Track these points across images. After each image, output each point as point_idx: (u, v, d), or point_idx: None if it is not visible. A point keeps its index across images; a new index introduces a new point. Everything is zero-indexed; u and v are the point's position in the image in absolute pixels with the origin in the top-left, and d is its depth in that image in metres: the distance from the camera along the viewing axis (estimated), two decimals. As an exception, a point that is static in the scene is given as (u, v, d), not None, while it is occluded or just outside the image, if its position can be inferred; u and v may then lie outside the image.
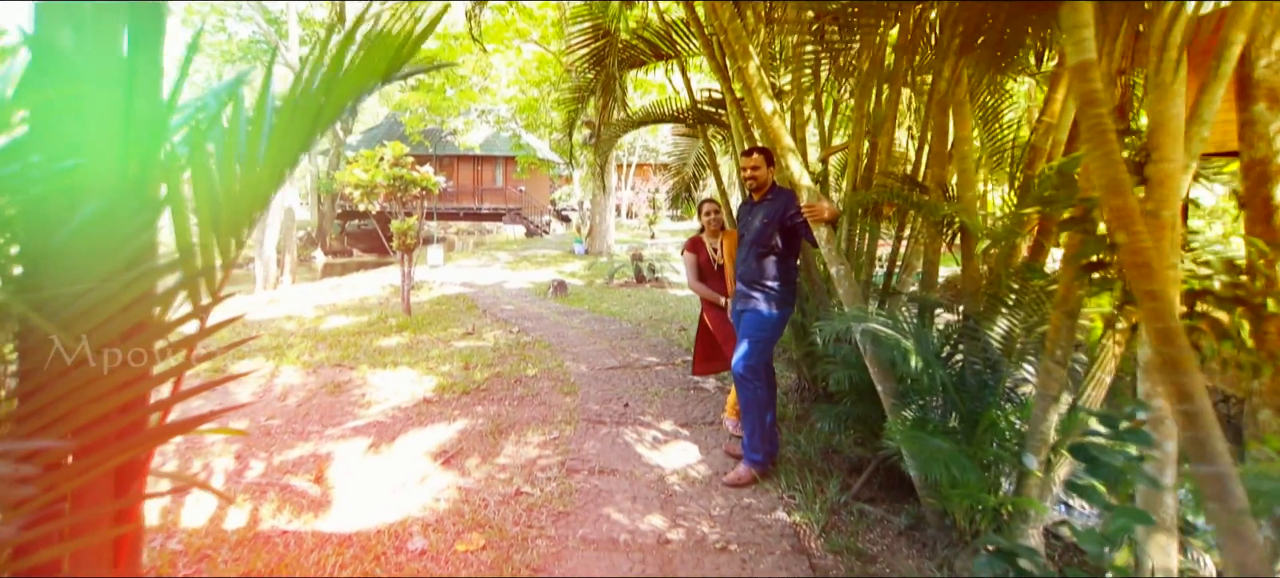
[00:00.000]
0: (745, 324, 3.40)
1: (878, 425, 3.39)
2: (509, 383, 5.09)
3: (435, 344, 6.44)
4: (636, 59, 5.22)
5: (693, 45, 5.16)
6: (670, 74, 11.72)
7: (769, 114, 3.01)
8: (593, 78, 4.98)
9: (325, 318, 8.01)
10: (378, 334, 6.95)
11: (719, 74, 4.57)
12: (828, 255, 2.95)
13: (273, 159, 1.30)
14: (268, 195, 1.32)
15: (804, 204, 2.97)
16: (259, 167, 1.27)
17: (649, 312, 8.39)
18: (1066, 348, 2.35)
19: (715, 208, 3.87)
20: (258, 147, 1.25)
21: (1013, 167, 3.30)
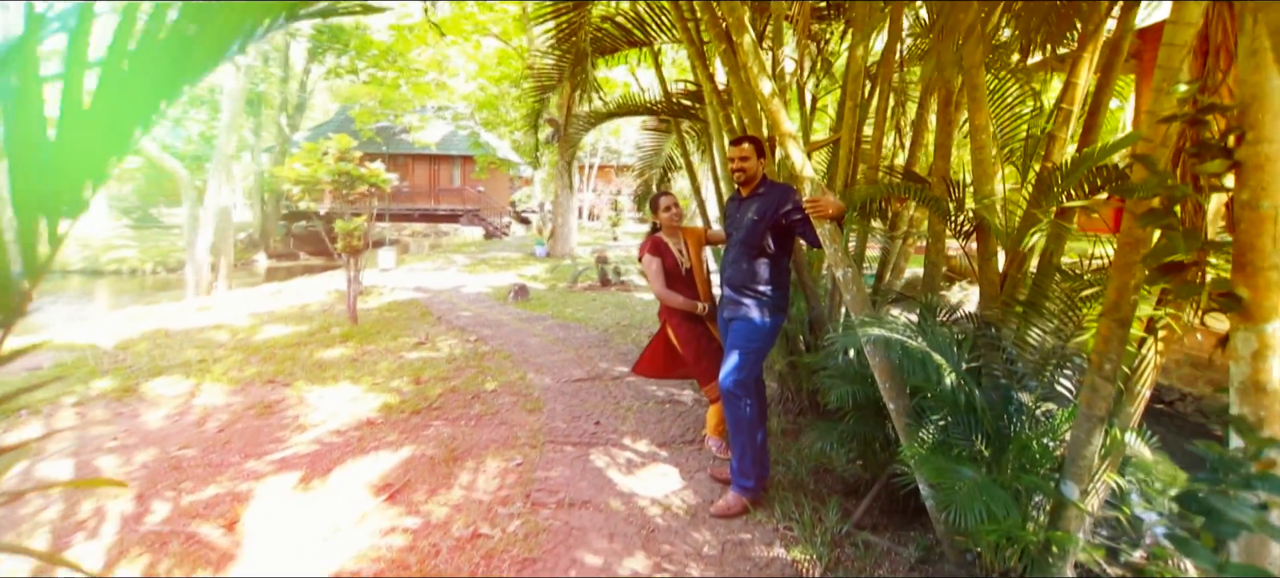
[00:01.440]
0: (735, 334, 3.01)
1: (880, 445, 3.06)
2: (465, 400, 4.58)
3: (383, 356, 5.86)
4: (607, 44, 4.80)
5: (670, 32, 4.77)
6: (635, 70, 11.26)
7: (767, 95, 2.63)
8: (562, 54, 4.52)
9: (260, 327, 7.29)
10: (319, 345, 6.31)
11: (698, 62, 4.20)
12: (832, 257, 2.59)
13: (112, 110, 0.82)
14: (106, 161, 0.84)
15: (806, 199, 2.60)
16: (94, 119, 0.79)
17: (616, 317, 7.96)
18: (1116, 360, 2.04)
19: (673, 201, 3.40)
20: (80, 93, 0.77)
21: (1026, 157, 3.00)
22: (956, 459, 2.30)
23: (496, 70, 16.06)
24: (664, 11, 4.57)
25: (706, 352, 3.29)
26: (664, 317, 3.41)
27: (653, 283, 3.32)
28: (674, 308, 3.33)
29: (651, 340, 3.57)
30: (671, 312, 3.35)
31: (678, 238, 3.41)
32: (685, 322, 3.35)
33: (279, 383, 5.03)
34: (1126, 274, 1.96)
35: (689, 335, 3.34)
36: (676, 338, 3.34)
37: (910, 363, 2.14)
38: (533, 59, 5.80)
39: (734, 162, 3.05)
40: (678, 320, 3.34)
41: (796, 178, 2.64)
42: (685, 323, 3.35)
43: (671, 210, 3.35)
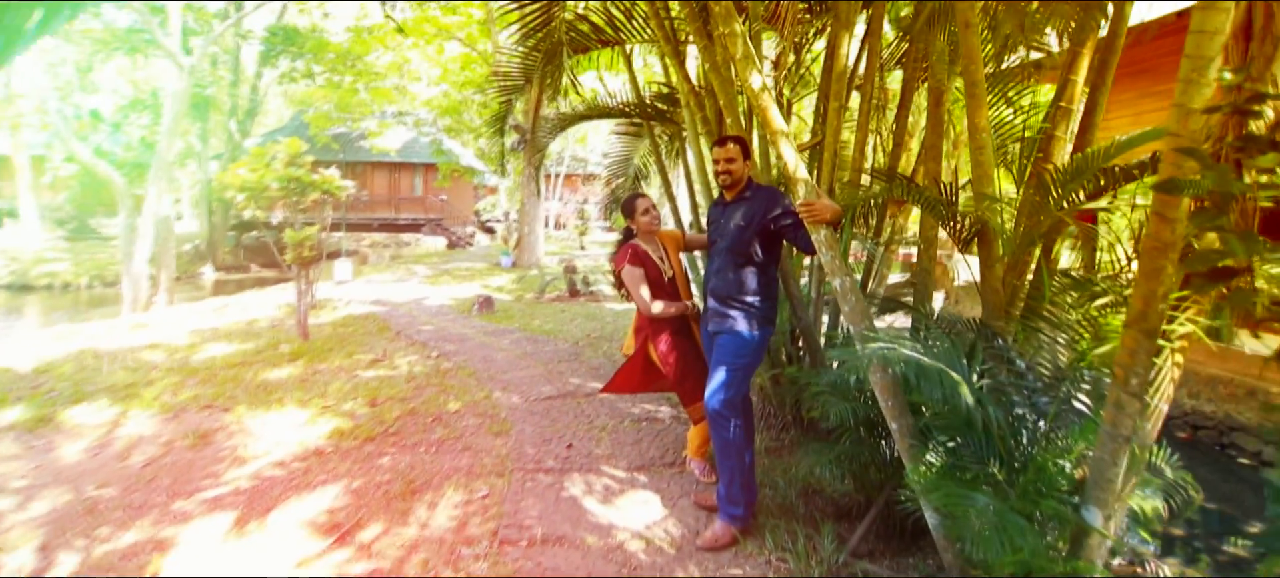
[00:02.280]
0: (722, 349, 2.77)
1: (877, 466, 2.86)
2: (426, 423, 4.23)
3: (336, 375, 5.44)
4: (578, 43, 4.54)
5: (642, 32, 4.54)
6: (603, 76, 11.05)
7: (757, 90, 2.41)
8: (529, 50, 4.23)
9: (201, 346, 6.76)
10: (265, 365, 5.84)
11: (674, 61, 3.97)
12: (830, 265, 2.38)
13: None
14: None
15: (800, 202, 2.38)
16: None
17: (586, 329, 7.66)
18: (1144, 374, 1.87)
19: (651, 204, 3.14)
20: None
21: (1022, 158, 2.86)
22: (969, 484, 2.11)
23: (460, 75, 15.64)
24: (637, 8, 4.34)
25: (691, 370, 3.05)
26: (643, 331, 3.13)
27: (637, 298, 3.01)
28: (659, 320, 3.05)
29: (631, 362, 3.26)
30: (655, 325, 3.08)
31: (656, 244, 3.15)
32: (670, 336, 3.09)
33: (217, 408, 4.59)
34: (1154, 281, 1.79)
35: (672, 351, 3.07)
36: (658, 354, 3.07)
37: (926, 383, 1.93)
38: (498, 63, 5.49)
39: (720, 163, 2.82)
40: (662, 334, 3.08)
41: (789, 179, 2.42)
42: (670, 337, 3.09)
43: (650, 213, 3.09)
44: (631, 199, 3.13)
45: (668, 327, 3.06)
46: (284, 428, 4.17)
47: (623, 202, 3.19)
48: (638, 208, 3.10)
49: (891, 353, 1.95)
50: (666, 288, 3.11)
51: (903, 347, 2.13)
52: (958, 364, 2.14)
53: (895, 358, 1.94)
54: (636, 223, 3.10)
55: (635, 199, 3.12)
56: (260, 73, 22.01)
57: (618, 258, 3.08)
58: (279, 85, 22.63)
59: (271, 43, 18.09)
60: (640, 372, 3.20)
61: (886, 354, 1.95)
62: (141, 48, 18.08)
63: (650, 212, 3.09)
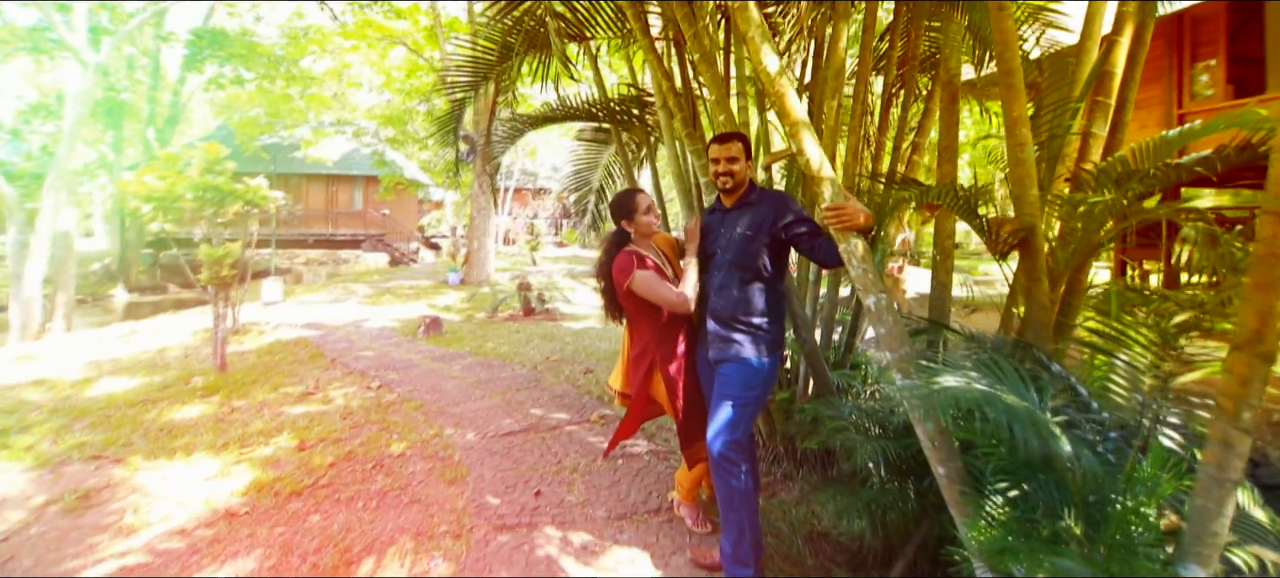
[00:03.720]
0: (727, 380, 2.35)
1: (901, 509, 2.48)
2: (365, 470, 3.62)
3: (257, 413, 4.72)
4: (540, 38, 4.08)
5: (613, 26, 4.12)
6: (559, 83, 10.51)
7: (774, 73, 2.02)
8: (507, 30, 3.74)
9: (97, 381, 5.85)
10: (172, 402, 5.05)
11: (651, 55, 3.56)
12: (862, 281, 1.99)
13: None
14: None
15: (827, 206, 1.99)
16: None
17: (544, 351, 7.11)
18: (1258, 406, 1.55)
19: (652, 201, 2.67)
20: None
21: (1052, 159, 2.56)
22: (1048, 544, 1.74)
23: (406, 83, 14.86)
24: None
25: (697, 401, 2.59)
26: (647, 358, 2.55)
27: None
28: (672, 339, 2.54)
29: (630, 405, 2.68)
30: (666, 346, 2.53)
31: (654, 248, 2.64)
32: (683, 357, 2.58)
33: (108, 459, 3.83)
34: (1270, 295, 1.48)
35: (683, 377, 2.57)
36: (667, 379, 2.54)
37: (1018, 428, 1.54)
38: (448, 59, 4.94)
39: (720, 164, 2.42)
40: (674, 357, 2.55)
41: (813, 179, 2.03)
42: (682, 359, 2.58)
43: (652, 212, 2.61)
44: (629, 196, 2.61)
45: (679, 346, 2.58)
46: (189, 483, 3.47)
47: (616, 199, 2.66)
48: (638, 206, 2.57)
49: (968, 392, 1.56)
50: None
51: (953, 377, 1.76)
52: (1029, 398, 1.78)
53: (974, 398, 1.55)
54: (635, 224, 2.57)
55: (634, 195, 2.61)
56: (184, 78, 20.45)
57: (617, 265, 2.51)
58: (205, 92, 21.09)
59: (196, 45, 16.77)
60: (641, 411, 2.69)
61: (963, 394, 1.56)
62: (46, 48, 16.44)
63: (652, 210, 2.61)
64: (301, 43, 14.04)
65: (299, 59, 15.41)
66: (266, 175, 7.92)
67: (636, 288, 2.45)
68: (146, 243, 19.79)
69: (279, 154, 20.39)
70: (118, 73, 18.86)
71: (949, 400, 1.55)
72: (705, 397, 2.55)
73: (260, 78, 16.16)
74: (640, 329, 2.57)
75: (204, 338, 7.84)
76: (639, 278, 2.44)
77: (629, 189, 2.73)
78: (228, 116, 19.64)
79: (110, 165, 19.95)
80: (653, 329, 2.53)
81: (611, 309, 2.68)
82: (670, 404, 2.57)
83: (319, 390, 5.31)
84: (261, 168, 16.89)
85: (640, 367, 2.57)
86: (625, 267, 2.47)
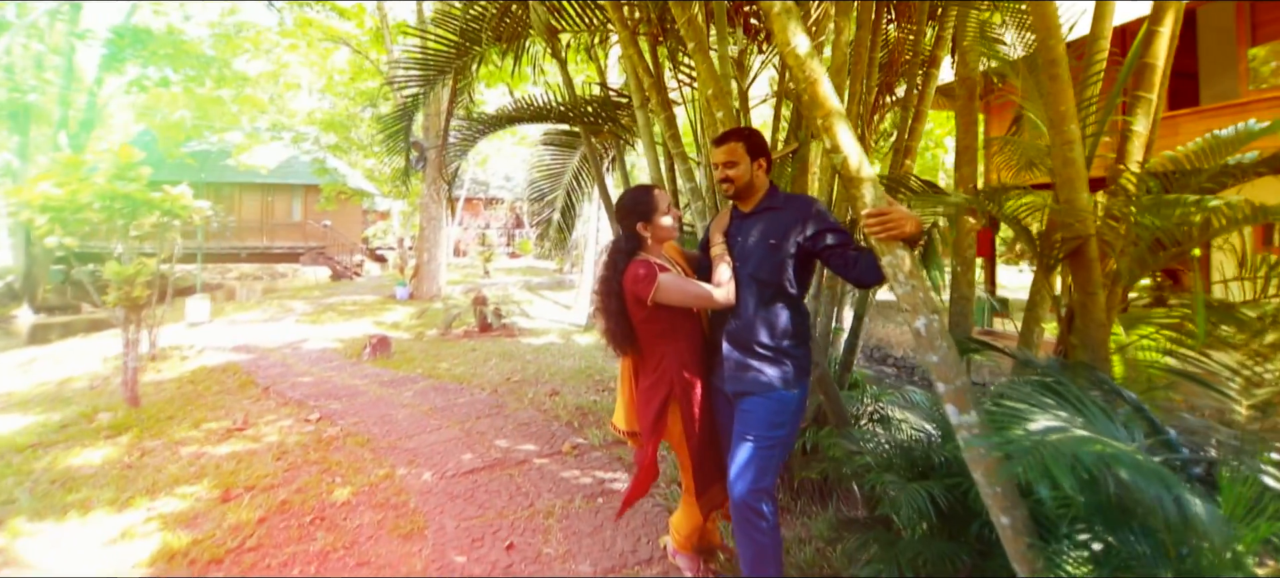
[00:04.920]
0: (749, 417, 2.00)
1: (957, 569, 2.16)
2: (302, 524, 3.09)
3: (174, 456, 4.09)
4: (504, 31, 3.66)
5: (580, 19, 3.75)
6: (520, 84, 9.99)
7: (803, 56, 1.69)
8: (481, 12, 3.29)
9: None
10: (70, 445, 4.34)
11: (631, 48, 3.21)
12: (910, 300, 1.68)
13: None
14: None
15: (869, 211, 1.68)
16: None
17: (504, 371, 6.63)
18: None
19: (672, 203, 2.26)
20: None
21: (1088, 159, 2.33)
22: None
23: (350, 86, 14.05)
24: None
25: (713, 442, 2.22)
26: (663, 388, 2.12)
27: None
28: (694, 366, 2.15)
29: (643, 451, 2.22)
30: (686, 377, 2.13)
31: (667, 258, 2.22)
32: (707, 388, 2.20)
33: (-23, 522, 3.17)
34: None
35: (703, 409, 2.18)
36: (686, 415, 2.14)
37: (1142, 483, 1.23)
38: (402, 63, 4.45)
39: (718, 168, 2.08)
40: (695, 387, 2.15)
41: (850, 180, 1.71)
42: (703, 388, 2.19)
43: (674, 214, 2.19)
44: (646, 193, 2.17)
45: (699, 375, 2.19)
46: (83, 549, 2.87)
47: (628, 198, 2.19)
48: (657, 204, 2.13)
49: (1087, 445, 1.25)
50: (691, 312, 2.19)
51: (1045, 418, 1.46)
52: (1118, 434, 1.49)
53: (1089, 456, 1.23)
54: (653, 227, 2.13)
55: (651, 192, 2.17)
56: (102, 79, 18.85)
57: (631, 277, 2.05)
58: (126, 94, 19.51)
59: (117, 44, 15.44)
60: (656, 457, 2.26)
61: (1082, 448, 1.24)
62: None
63: (673, 212, 2.19)
64: (234, 41, 13.07)
65: (231, 59, 14.38)
66: (193, 184, 7.18)
67: (665, 296, 2.00)
68: (56, 258, 18.07)
69: (208, 161, 19.04)
70: (25, 72, 17.22)
71: (1060, 457, 1.23)
72: (721, 432, 2.19)
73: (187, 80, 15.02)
74: (654, 355, 2.14)
75: (116, 366, 6.98)
76: (666, 284, 2.00)
77: (644, 185, 2.27)
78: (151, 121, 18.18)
79: (16, 173, 18.17)
80: (672, 354, 2.12)
81: (621, 337, 2.15)
82: (685, 445, 2.18)
83: (248, 426, 4.68)
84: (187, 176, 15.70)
85: (653, 401, 2.13)
86: (643, 276, 2.03)
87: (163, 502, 3.39)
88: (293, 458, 3.99)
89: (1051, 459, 1.22)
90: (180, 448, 4.23)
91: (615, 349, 2.20)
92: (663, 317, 2.07)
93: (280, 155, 20.24)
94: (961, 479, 2.00)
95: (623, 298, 2.09)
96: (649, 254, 2.14)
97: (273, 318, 10.96)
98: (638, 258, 2.11)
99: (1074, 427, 1.38)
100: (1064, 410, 1.48)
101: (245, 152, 16.77)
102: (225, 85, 14.08)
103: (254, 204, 22.20)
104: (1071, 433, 1.33)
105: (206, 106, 14.95)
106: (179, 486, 3.59)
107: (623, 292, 2.08)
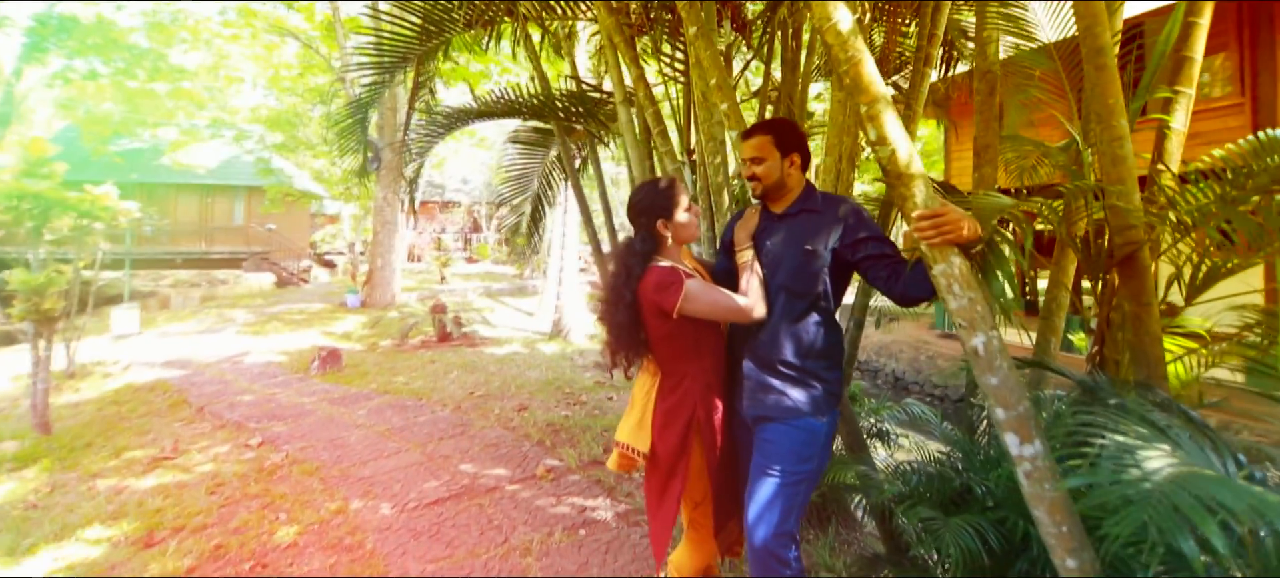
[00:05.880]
0: (772, 448, 1.75)
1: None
2: (238, 572, 2.68)
3: (89, 492, 3.58)
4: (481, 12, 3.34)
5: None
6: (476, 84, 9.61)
7: (845, 34, 1.46)
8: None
9: None
10: (-39, 481, 3.77)
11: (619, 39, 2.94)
12: (966, 314, 1.47)
13: None
14: None
15: (921, 213, 1.45)
16: None
17: (467, 385, 6.23)
18: None
19: (692, 198, 1.96)
20: None
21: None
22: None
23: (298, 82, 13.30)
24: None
25: (734, 473, 1.93)
26: (692, 411, 1.81)
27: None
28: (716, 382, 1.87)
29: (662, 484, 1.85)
30: (713, 396, 1.85)
31: (684, 262, 1.91)
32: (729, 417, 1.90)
33: None
34: None
35: (724, 437, 1.90)
36: (706, 445, 1.84)
37: None
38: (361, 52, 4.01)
39: (745, 166, 1.84)
40: (715, 407, 1.87)
41: (899, 176, 1.48)
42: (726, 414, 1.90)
43: (694, 211, 1.89)
44: (666, 186, 1.85)
45: (723, 398, 1.88)
46: (-40, 617, 2.40)
47: (644, 192, 1.87)
48: (677, 199, 1.83)
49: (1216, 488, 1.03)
50: (714, 326, 1.88)
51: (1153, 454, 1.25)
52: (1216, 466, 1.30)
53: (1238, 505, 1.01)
54: (674, 225, 1.83)
55: (672, 186, 1.86)
56: (20, 71, 17.37)
57: (654, 283, 1.75)
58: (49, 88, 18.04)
59: (39, 34, 14.20)
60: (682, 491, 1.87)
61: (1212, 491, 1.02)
62: None
63: (694, 210, 1.89)
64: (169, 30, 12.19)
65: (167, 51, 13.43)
66: (121, 184, 6.52)
67: (693, 307, 1.71)
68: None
69: (139, 160, 17.77)
70: (-72, 62, 15.74)
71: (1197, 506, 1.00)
72: (740, 462, 1.91)
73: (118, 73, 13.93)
74: (674, 375, 1.83)
75: (26, 386, 6.26)
76: (694, 292, 1.71)
77: (662, 177, 1.95)
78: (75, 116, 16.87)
79: (-86, 171, 16.57)
80: (696, 374, 1.82)
81: (629, 354, 1.82)
82: (704, 477, 1.87)
83: (178, 453, 4.18)
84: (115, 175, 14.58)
85: (676, 425, 1.80)
86: (668, 282, 1.72)
87: (72, 549, 2.91)
88: (229, 492, 3.53)
89: (1193, 509, 1.00)
90: (97, 481, 3.72)
91: (618, 367, 1.85)
92: (687, 332, 1.78)
93: (221, 154, 19.07)
94: (1007, 514, 1.80)
95: (637, 309, 1.78)
96: (668, 257, 1.85)
97: (211, 329, 10.19)
98: (657, 262, 1.81)
99: (1184, 463, 1.17)
100: (1163, 442, 1.28)
101: (181, 149, 15.68)
102: (160, 78, 13.10)
103: (191, 206, 20.90)
104: (1196, 472, 1.11)
105: (138, 101, 13.88)
106: (93, 528, 3.11)
107: (637, 301, 1.78)
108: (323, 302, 13.57)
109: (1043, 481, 1.47)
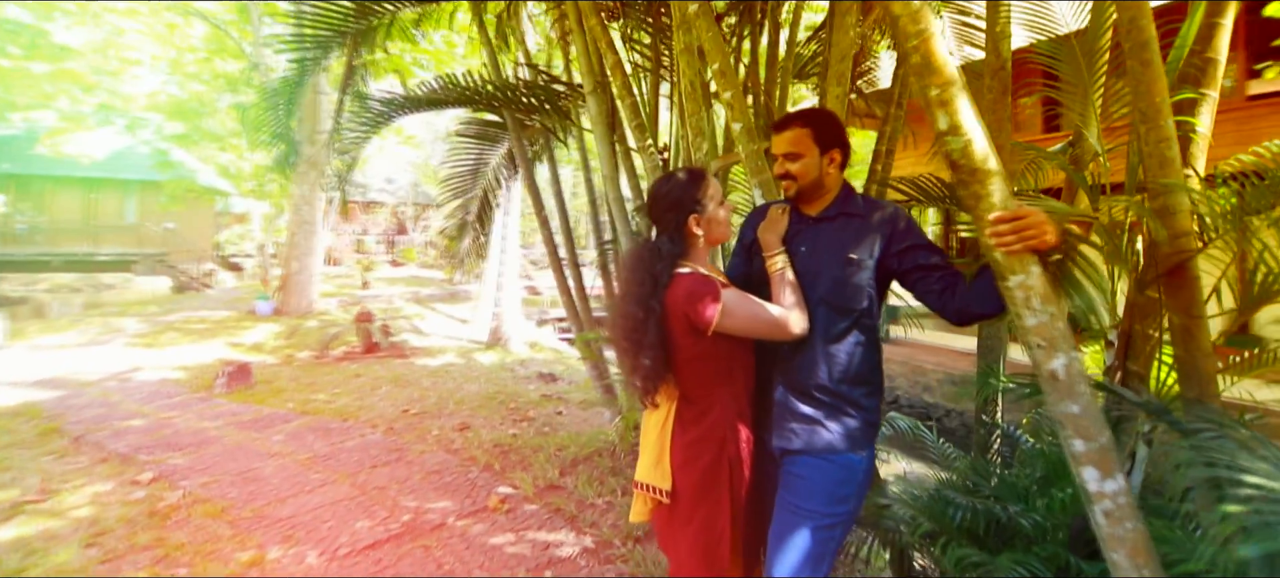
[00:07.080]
0: (802, 485, 1.50)
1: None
2: (120, 656, 2.15)
3: (-83, 549, 2.87)
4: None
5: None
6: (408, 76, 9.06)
7: (916, 5, 1.22)
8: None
9: None
10: None
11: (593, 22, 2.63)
12: (1044, 332, 1.28)
13: None
14: None
15: (998, 215, 1.23)
16: None
17: (399, 401, 5.68)
18: None
19: (720, 190, 1.65)
20: None
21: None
22: None
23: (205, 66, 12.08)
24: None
25: (761, 512, 1.62)
26: (721, 441, 1.50)
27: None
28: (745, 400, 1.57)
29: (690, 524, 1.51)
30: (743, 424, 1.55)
31: (707, 264, 1.62)
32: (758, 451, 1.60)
33: None
34: None
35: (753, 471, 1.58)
36: (733, 478, 1.51)
37: None
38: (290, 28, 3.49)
39: (777, 162, 1.57)
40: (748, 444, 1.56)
41: (971, 172, 1.26)
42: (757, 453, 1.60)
43: (726, 207, 1.61)
44: (695, 180, 1.55)
45: (753, 428, 1.58)
46: None
47: (665, 186, 1.57)
48: (706, 192, 1.55)
49: None
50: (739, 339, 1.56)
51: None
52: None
53: None
54: (707, 221, 1.55)
55: (704, 178, 1.56)
56: None
57: (686, 291, 1.45)
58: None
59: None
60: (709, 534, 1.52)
61: None
62: None
63: (726, 205, 1.60)
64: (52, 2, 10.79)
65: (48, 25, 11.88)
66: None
67: (732, 322, 1.43)
68: None
69: (10, 149, 15.75)
70: None
71: None
72: (766, 501, 1.63)
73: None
74: (701, 400, 1.51)
75: None
76: (733, 305, 1.43)
77: (690, 168, 1.62)
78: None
79: None
80: (726, 399, 1.51)
81: (656, 374, 1.48)
82: (726, 513, 1.54)
83: (47, 495, 3.47)
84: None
85: (700, 461, 1.49)
86: (703, 292, 1.43)
87: (-114, 631, 2.27)
88: (112, 543, 2.92)
89: None
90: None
91: (647, 399, 1.53)
92: (721, 351, 1.48)
93: (111, 144, 17.14)
94: (1058, 550, 1.62)
95: (665, 324, 1.47)
96: (697, 261, 1.55)
97: (94, 341, 8.97)
98: (686, 269, 1.51)
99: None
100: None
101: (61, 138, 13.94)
102: (38, 57, 11.57)
103: (73, 202, 18.74)
104: None
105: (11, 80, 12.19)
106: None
107: (665, 315, 1.47)
108: (229, 309, 12.32)
109: (1124, 520, 1.30)
